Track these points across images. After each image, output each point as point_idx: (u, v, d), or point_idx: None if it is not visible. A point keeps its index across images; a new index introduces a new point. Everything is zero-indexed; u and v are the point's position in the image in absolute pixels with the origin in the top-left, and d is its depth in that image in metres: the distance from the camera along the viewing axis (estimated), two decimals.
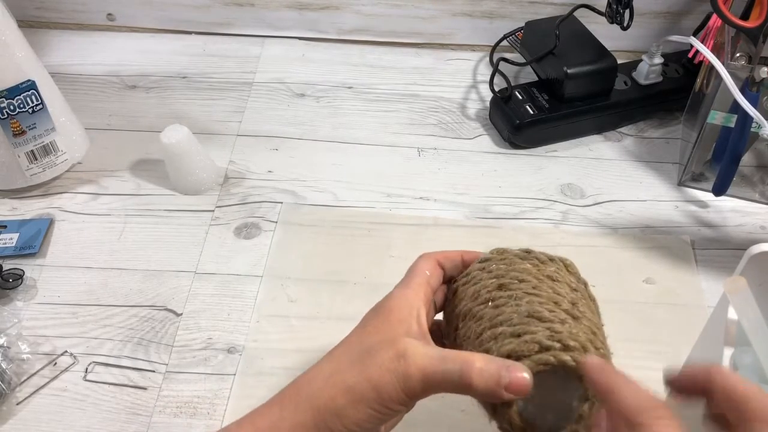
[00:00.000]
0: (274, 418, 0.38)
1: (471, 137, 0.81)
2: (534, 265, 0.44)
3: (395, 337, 0.38)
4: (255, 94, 0.86)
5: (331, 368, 0.38)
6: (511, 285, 0.43)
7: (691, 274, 0.67)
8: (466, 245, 0.50)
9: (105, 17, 0.93)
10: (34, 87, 0.70)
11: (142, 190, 0.75)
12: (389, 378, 0.37)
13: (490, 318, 0.41)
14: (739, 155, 0.68)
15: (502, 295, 0.42)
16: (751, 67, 0.66)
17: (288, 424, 0.37)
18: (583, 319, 0.41)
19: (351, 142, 0.80)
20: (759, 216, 0.73)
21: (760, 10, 0.64)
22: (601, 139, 0.81)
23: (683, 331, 0.62)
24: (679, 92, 0.81)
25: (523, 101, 0.79)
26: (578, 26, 0.82)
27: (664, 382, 0.38)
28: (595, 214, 0.73)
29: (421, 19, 0.91)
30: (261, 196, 0.74)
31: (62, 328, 0.63)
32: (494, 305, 0.42)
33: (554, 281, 0.43)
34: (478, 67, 0.90)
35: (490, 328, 0.40)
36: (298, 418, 0.38)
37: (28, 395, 0.58)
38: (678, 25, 0.88)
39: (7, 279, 0.65)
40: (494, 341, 0.40)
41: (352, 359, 0.38)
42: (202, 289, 0.66)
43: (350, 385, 0.37)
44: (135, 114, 0.83)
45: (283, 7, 0.91)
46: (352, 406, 0.37)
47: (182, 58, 0.90)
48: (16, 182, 0.73)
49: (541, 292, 0.42)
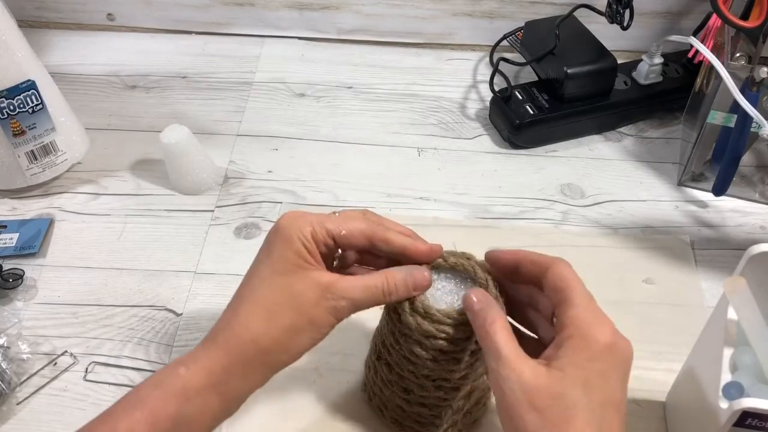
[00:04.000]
0: (222, 362, 0.42)
1: (471, 137, 0.81)
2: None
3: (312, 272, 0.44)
4: (255, 94, 0.86)
5: (263, 312, 0.43)
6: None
7: (691, 274, 0.67)
8: (467, 245, 0.50)
9: (105, 17, 0.93)
10: (34, 87, 0.70)
11: (142, 190, 0.75)
12: (322, 312, 0.44)
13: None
14: (739, 155, 0.68)
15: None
16: (751, 67, 0.66)
17: (238, 368, 0.43)
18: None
19: (351, 142, 0.80)
20: (759, 216, 0.73)
21: (760, 10, 0.64)
22: (601, 139, 0.81)
23: (683, 331, 0.62)
24: (679, 92, 0.81)
25: (523, 101, 0.79)
26: (578, 26, 0.82)
27: (487, 260, 0.47)
28: (595, 214, 0.73)
29: (421, 19, 0.91)
30: (261, 196, 0.74)
31: (62, 328, 0.63)
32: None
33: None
34: (478, 67, 0.90)
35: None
36: (246, 360, 0.43)
37: (28, 395, 0.58)
38: (678, 25, 0.88)
39: (7, 279, 0.65)
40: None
41: (281, 300, 0.43)
42: (202, 289, 0.66)
43: (289, 324, 0.43)
44: (135, 114, 0.83)
45: (283, 7, 0.91)
46: (295, 339, 0.44)
47: (182, 58, 0.90)
48: (16, 182, 0.73)
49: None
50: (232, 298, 0.46)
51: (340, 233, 0.46)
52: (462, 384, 0.50)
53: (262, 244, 0.47)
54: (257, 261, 0.46)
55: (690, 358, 0.54)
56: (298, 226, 0.45)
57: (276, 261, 0.45)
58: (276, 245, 0.45)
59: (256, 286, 0.45)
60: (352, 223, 0.46)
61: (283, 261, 0.44)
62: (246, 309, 0.44)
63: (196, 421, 0.42)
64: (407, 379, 0.50)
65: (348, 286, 0.45)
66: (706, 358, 0.50)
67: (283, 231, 0.45)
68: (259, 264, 0.46)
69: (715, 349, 0.47)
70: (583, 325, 0.40)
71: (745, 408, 0.40)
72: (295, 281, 0.44)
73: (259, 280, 0.45)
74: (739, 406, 0.40)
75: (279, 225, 0.46)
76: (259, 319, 0.43)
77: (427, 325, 0.46)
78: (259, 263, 0.46)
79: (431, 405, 0.51)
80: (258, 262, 0.46)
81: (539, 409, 0.37)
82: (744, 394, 0.44)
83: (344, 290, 0.45)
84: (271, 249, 0.45)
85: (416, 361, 0.48)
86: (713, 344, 0.48)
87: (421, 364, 0.48)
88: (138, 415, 0.40)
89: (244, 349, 0.43)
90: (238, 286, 0.46)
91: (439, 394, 0.50)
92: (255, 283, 0.45)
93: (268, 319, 0.43)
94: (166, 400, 0.41)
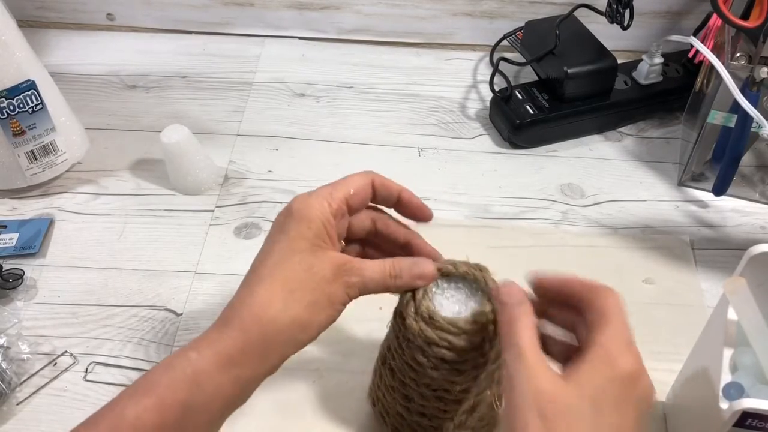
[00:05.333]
0: (239, 344, 0.42)
1: (471, 137, 0.81)
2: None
3: (330, 252, 0.45)
4: (255, 94, 0.86)
5: (283, 290, 0.43)
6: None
7: (691, 274, 0.67)
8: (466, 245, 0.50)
9: (105, 17, 0.93)
10: (34, 87, 0.70)
11: (142, 190, 0.75)
12: (338, 288, 0.45)
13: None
14: (739, 155, 0.68)
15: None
16: (751, 67, 0.66)
17: (257, 349, 0.42)
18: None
19: (351, 142, 0.80)
20: (759, 216, 0.73)
21: (760, 10, 0.64)
22: (601, 139, 0.81)
23: (683, 331, 0.62)
24: (679, 92, 0.81)
25: (523, 101, 0.79)
26: (578, 26, 0.82)
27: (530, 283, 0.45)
28: (595, 214, 0.73)
29: (421, 19, 0.91)
30: (261, 196, 0.74)
31: (62, 328, 0.63)
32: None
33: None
34: (478, 67, 0.90)
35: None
36: (266, 340, 0.43)
37: (28, 395, 0.58)
38: (678, 25, 0.88)
39: (7, 279, 0.65)
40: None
41: (301, 278, 0.44)
42: (202, 289, 0.66)
43: (308, 301, 0.44)
44: (135, 114, 0.83)
45: (283, 6, 0.91)
46: (314, 316, 0.44)
47: (182, 58, 0.90)
48: (16, 182, 0.73)
49: None
50: (246, 279, 0.45)
51: (350, 192, 0.47)
52: (464, 397, 0.49)
53: (273, 228, 0.46)
54: (272, 241, 0.46)
55: (690, 358, 0.54)
56: (315, 205, 0.45)
57: (294, 239, 0.44)
58: (292, 225, 0.45)
59: (276, 263, 0.44)
60: (355, 180, 0.48)
61: (302, 239, 0.44)
62: (264, 287, 0.43)
63: (207, 408, 0.41)
64: (408, 386, 0.50)
65: (360, 266, 0.46)
66: (706, 358, 0.50)
67: (299, 212, 0.45)
68: (274, 243, 0.45)
69: (715, 349, 0.47)
70: (612, 347, 0.39)
71: (745, 408, 0.40)
72: (314, 259, 0.44)
73: (277, 258, 0.44)
74: (740, 406, 0.40)
75: (293, 207, 0.45)
76: (279, 298, 0.43)
77: (430, 332, 0.46)
78: (275, 243, 0.45)
79: (431, 415, 0.51)
80: (273, 242, 0.45)
81: (545, 417, 0.37)
82: (744, 394, 0.44)
83: (357, 269, 0.45)
84: (287, 229, 0.45)
85: (417, 368, 0.48)
86: (713, 344, 0.48)
87: (422, 372, 0.48)
88: (146, 401, 0.39)
89: (264, 328, 0.42)
90: (251, 268, 0.45)
91: (439, 404, 0.50)
92: (273, 262, 0.44)
93: (288, 296, 0.43)
94: (176, 387, 0.40)
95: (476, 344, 0.46)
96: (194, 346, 0.42)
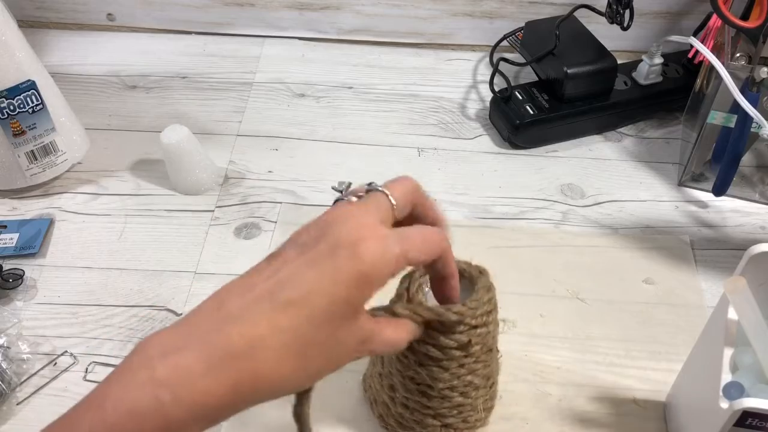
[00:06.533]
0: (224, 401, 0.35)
1: (471, 137, 0.81)
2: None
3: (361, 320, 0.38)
4: (255, 94, 0.86)
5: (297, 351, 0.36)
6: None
7: (691, 275, 0.67)
8: (466, 245, 0.50)
9: (105, 17, 0.93)
10: (34, 87, 0.70)
11: (142, 190, 0.75)
12: (349, 358, 0.39)
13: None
14: (739, 155, 0.68)
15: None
16: (751, 67, 0.66)
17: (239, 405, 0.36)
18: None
19: (351, 142, 0.80)
20: (759, 216, 0.73)
21: (760, 10, 0.64)
22: (601, 139, 0.81)
23: (683, 331, 0.62)
24: (679, 92, 0.81)
25: (523, 101, 0.79)
26: (578, 26, 0.82)
27: None
28: (595, 214, 0.73)
29: (421, 19, 0.91)
30: (261, 196, 0.74)
31: (62, 328, 0.63)
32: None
33: None
34: (478, 67, 0.90)
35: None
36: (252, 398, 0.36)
37: (28, 395, 0.58)
38: (678, 25, 0.88)
39: (7, 279, 0.65)
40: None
41: (321, 348, 0.36)
42: (202, 289, 0.66)
43: (316, 371, 0.37)
44: (135, 114, 0.83)
45: (283, 7, 0.91)
46: (311, 382, 0.39)
47: (182, 58, 0.90)
48: (16, 182, 0.73)
49: None
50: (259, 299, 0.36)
51: (420, 259, 0.39)
52: (448, 396, 0.49)
53: (321, 248, 0.37)
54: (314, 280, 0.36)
55: (690, 358, 0.54)
56: (383, 266, 0.37)
57: (339, 302, 0.36)
58: (344, 279, 0.36)
59: (304, 321, 0.35)
60: (432, 245, 0.40)
61: (348, 305, 0.36)
62: (281, 346, 0.35)
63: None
64: (394, 376, 0.50)
65: (380, 342, 0.40)
66: (706, 358, 0.50)
67: (364, 269, 0.36)
68: (313, 287, 0.36)
69: (715, 349, 0.47)
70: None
71: (745, 408, 0.40)
72: (345, 329, 0.37)
73: (308, 312, 0.36)
74: (740, 406, 0.40)
75: (360, 257, 0.36)
76: (291, 365, 0.36)
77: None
78: (314, 285, 0.36)
79: (413, 409, 0.51)
80: (314, 282, 0.36)
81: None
82: (744, 394, 0.44)
83: (376, 344, 0.40)
84: (338, 279, 0.36)
85: (403, 360, 0.48)
86: (713, 344, 0.48)
87: (408, 365, 0.48)
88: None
89: (258, 390, 0.35)
90: (273, 288, 0.36)
91: (422, 399, 0.50)
92: (302, 317, 0.35)
93: (300, 366, 0.36)
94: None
95: (463, 344, 0.46)
96: (166, 381, 0.34)
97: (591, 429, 0.56)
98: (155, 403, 0.33)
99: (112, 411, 0.33)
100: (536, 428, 0.56)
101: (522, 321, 0.63)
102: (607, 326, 0.63)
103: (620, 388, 0.58)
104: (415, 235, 0.39)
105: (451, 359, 0.47)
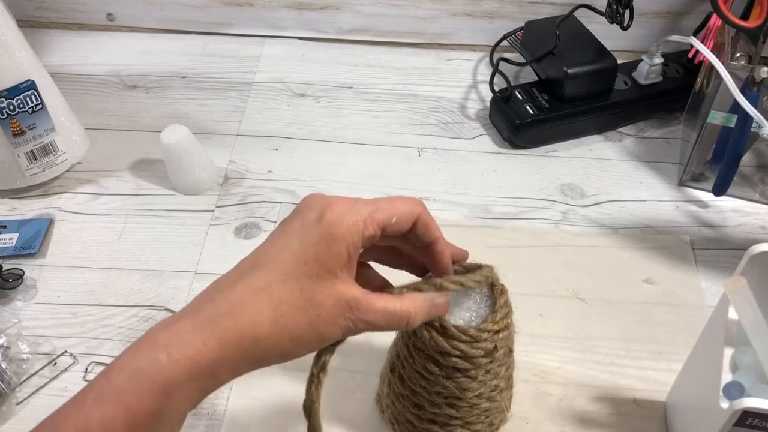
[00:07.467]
0: (213, 356, 0.38)
1: (471, 137, 0.81)
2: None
3: (339, 284, 0.40)
4: (255, 94, 0.86)
5: (275, 313, 0.39)
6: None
7: (691, 274, 0.67)
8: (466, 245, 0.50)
9: (105, 17, 0.93)
10: (34, 87, 0.70)
11: (142, 190, 0.75)
12: (334, 329, 0.40)
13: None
14: (739, 155, 0.68)
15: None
16: (751, 67, 0.66)
17: (229, 365, 0.39)
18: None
19: (351, 142, 0.80)
20: (759, 216, 0.73)
21: (760, 10, 0.64)
22: (601, 139, 0.81)
23: (683, 331, 0.62)
24: (679, 92, 0.81)
25: (523, 101, 0.79)
26: (578, 26, 0.82)
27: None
28: (595, 214, 0.73)
29: (421, 19, 0.91)
30: (261, 196, 0.74)
31: (62, 328, 0.63)
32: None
33: None
34: (478, 67, 0.90)
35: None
36: (241, 358, 0.39)
37: (28, 395, 0.58)
38: (678, 25, 0.88)
39: (7, 279, 0.65)
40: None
41: (297, 306, 0.39)
42: (202, 288, 0.65)
43: (297, 335, 0.39)
44: (135, 114, 0.83)
45: (283, 7, 0.91)
46: (296, 348, 0.40)
47: (182, 58, 0.90)
48: (16, 182, 0.73)
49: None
50: (240, 274, 0.40)
51: (392, 221, 0.41)
52: (476, 403, 0.49)
53: (291, 222, 0.41)
54: (283, 243, 0.40)
55: (690, 358, 0.54)
56: (350, 223, 0.39)
57: (308, 260, 0.39)
58: (313, 237, 0.39)
59: (275, 280, 0.39)
60: (401, 207, 0.42)
61: (317, 263, 0.39)
62: (256, 303, 0.39)
63: (174, 415, 0.38)
64: (419, 394, 0.49)
65: (370, 309, 0.41)
66: (706, 358, 0.50)
67: (330, 228, 0.39)
68: (284, 249, 0.40)
69: (715, 349, 0.47)
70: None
71: (745, 408, 0.40)
72: (320, 290, 0.39)
73: (280, 273, 0.39)
74: (740, 405, 0.40)
75: (327, 217, 0.39)
76: (269, 320, 0.39)
77: (442, 342, 0.45)
78: (285, 248, 0.40)
79: (442, 423, 0.50)
80: (284, 246, 0.40)
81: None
82: (744, 393, 0.44)
83: (366, 312, 0.40)
84: (306, 238, 0.39)
85: (429, 377, 0.47)
86: (713, 344, 0.48)
87: (434, 381, 0.47)
88: (113, 411, 0.36)
89: (242, 346, 0.39)
90: (250, 263, 0.40)
91: (450, 411, 0.49)
92: (273, 277, 0.39)
93: (277, 322, 0.39)
94: (145, 397, 0.37)
95: (488, 351, 0.46)
96: (164, 343, 0.38)
97: (591, 429, 0.56)
98: (154, 363, 0.37)
99: (117, 374, 0.37)
100: (536, 428, 0.56)
101: (522, 321, 0.62)
102: (607, 326, 0.63)
103: (620, 388, 0.58)
104: (384, 200, 0.42)
105: (478, 368, 0.46)
